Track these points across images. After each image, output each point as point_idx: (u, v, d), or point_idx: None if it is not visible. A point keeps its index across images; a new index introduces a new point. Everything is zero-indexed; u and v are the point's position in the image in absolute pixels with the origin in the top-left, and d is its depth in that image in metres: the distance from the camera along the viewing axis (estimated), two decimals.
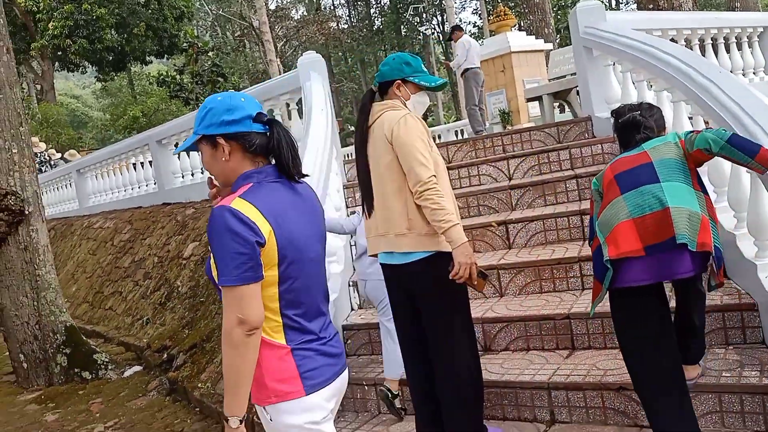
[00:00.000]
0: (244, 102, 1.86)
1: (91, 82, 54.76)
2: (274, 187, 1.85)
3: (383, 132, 2.77)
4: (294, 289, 1.84)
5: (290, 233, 1.82)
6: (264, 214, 1.76)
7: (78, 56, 23.71)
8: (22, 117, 5.78)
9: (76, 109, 48.57)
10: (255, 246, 1.73)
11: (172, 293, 6.34)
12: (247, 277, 1.72)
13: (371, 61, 38.96)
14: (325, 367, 1.87)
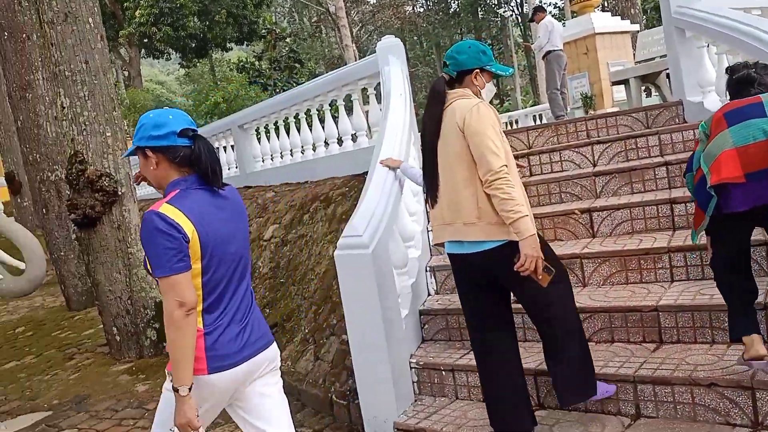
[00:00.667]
0: (171, 119, 2.22)
1: (175, 69, 56.81)
2: (197, 193, 2.21)
3: (455, 120, 2.76)
4: (214, 279, 2.19)
5: (212, 231, 2.17)
6: (188, 216, 2.11)
7: (163, 43, 24.64)
8: (115, 102, 6.06)
9: (161, 95, 50.48)
10: (182, 241, 2.09)
11: (254, 273, 6.53)
12: (179, 268, 2.08)
13: (446, 45, 38.54)
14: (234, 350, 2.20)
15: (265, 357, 2.32)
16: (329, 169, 6.52)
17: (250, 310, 2.33)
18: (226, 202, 2.30)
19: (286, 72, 21.21)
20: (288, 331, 5.25)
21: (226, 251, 2.22)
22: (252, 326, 2.30)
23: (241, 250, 2.30)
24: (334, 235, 5.47)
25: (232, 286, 2.26)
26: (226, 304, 2.23)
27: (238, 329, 2.24)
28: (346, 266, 3.70)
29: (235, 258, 2.26)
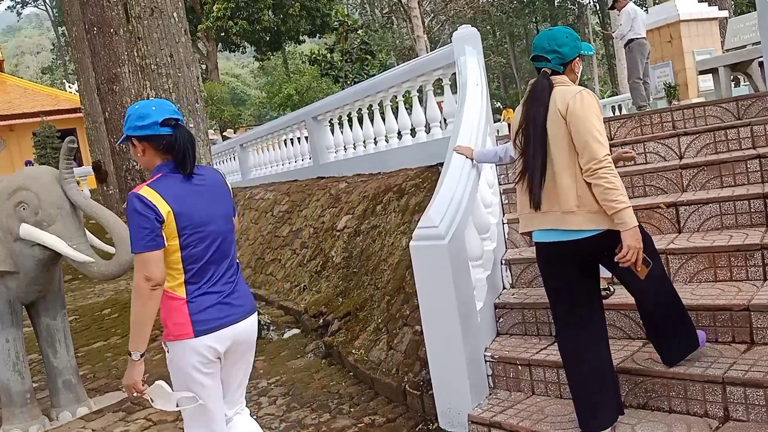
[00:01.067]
0: (154, 110, 2.49)
1: (249, 62, 58.22)
2: (177, 177, 2.49)
3: (556, 107, 2.70)
4: (194, 254, 2.47)
5: (187, 212, 2.44)
6: (164, 198, 2.39)
7: (239, 37, 25.27)
8: (197, 94, 6.24)
9: (236, 88, 51.82)
10: (155, 222, 2.36)
11: (327, 263, 6.63)
12: (150, 246, 2.35)
13: (520, 34, 37.83)
14: (218, 314, 2.49)
15: (247, 325, 2.63)
16: (402, 160, 6.52)
17: (234, 282, 2.62)
18: (204, 186, 2.57)
19: (358, 64, 21.33)
20: (361, 320, 5.31)
21: (204, 230, 2.50)
22: (235, 296, 2.59)
23: (220, 229, 2.57)
24: (407, 226, 5.48)
25: (214, 261, 2.53)
26: (208, 277, 2.52)
27: (220, 298, 2.53)
28: (421, 257, 3.69)
29: (214, 236, 2.54)
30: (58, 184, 4.48)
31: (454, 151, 4.13)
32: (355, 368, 4.83)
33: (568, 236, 2.75)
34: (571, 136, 2.68)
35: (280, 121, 10.43)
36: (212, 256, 2.53)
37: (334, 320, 5.60)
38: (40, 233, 4.43)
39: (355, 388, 4.63)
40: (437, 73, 6.03)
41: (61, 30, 50.50)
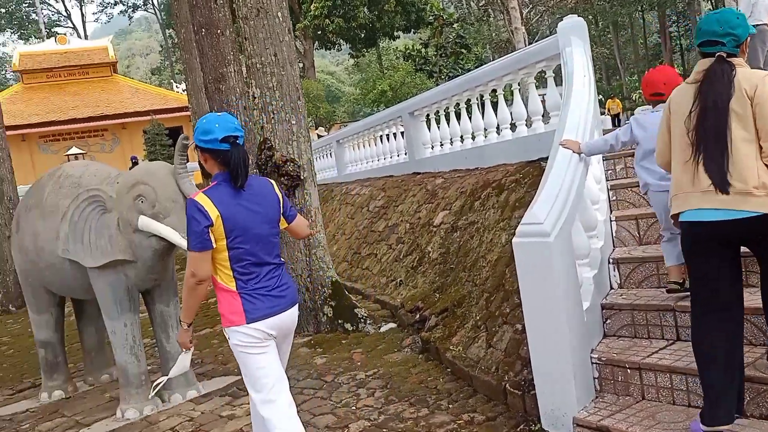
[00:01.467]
0: (218, 127, 2.84)
1: (344, 59, 59.17)
2: (229, 186, 2.86)
3: (742, 89, 2.68)
4: (241, 254, 2.86)
5: (234, 217, 2.82)
6: (215, 204, 2.78)
7: (335, 35, 25.72)
8: (299, 91, 6.41)
9: (331, 85, 52.83)
10: (206, 227, 2.75)
11: (423, 258, 6.63)
12: (198, 247, 2.78)
13: (624, 24, 36.17)
14: (264, 306, 2.88)
15: (290, 315, 3.03)
16: (501, 155, 6.42)
17: (278, 276, 3.00)
18: (251, 194, 2.93)
19: (452, 58, 21.18)
20: (458, 316, 5.27)
21: (249, 232, 2.87)
22: (280, 290, 2.97)
23: (263, 232, 2.94)
24: (507, 223, 5.39)
25: (258, 259, 2.92)
26: (254, 273, 2.91)
27: (267, 292, 2.92)
28: (524, 255, 3.61)
29: (257, 238, 2.91)
30: (173, 179, 4.72)
31: (560, 146, 4.02)
32: (453, 365, 4.80)
33: (737, 215, 2.68)
34: (754, 118, 2.66)
35: (377, 117, 10.52)
36: (256, 255, 2.92)
37: (431, 316, 5.59)
38: (156, 225, 4.67)
39: (453, 385, 4.60)
40: (540, 66, 5.89)
41: (169, 32, 53.24)
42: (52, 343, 5.85)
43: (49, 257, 5.20)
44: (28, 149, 26.13)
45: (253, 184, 2.97)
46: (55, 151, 26.71)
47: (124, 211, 4.79)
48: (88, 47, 33.12)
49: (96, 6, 59.23)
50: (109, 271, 4.93)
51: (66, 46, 32.18)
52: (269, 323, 2.90)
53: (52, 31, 47.78)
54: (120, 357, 5.05)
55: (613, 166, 5.01)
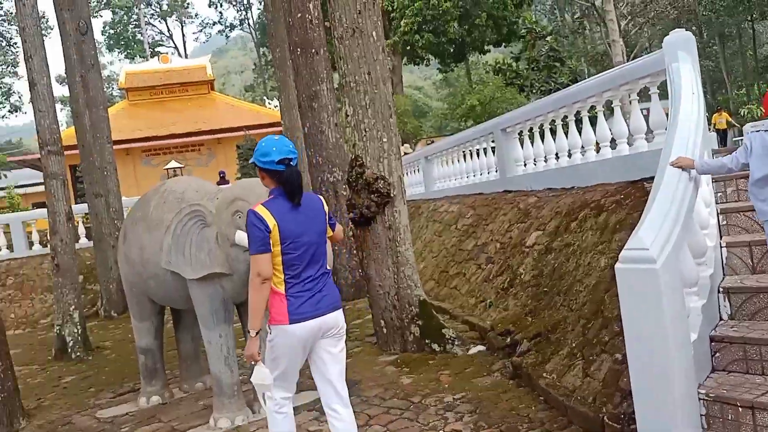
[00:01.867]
0: (274, 150, 3.30)
1: (432, 74, 59.31)
2: (283, 200, 3.31)
3: None
4: (291, 259, 3.27)
5: (288, 226, 3.25)
6: (272, 214, 3.23)
7: (424, 50, 25.81)
8: (391, 109, 6.42)
9: (418, 100, 53.05)
10: (265, 232, 3.19)
11: (515, 280, 6.46)
12: (261, 250, 3.20)
13: (732, 34, 34.22)
14: (309, 308, 3.28)
15: (331, 318, 3.39)
16: (600, 174, 6.18)
17: (324, 283, 3.39)
18: (303, 208, 3.36)
19: (545, 71, 20.71)
20: (553, 342, 5.08)
21: (300, 241, 3.29)
22: (323, 295, 3.36)
23: (313, 241, 3.35)
24: (606, 246, 5.16)
25: (307, 265, 3.32)
26: (303, 278, 3.31)
27: (311, 295, 3.32)
28: (628, 281, 3.43)
29: (307, 246, 3.33)
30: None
31: (670, 165, 3.81)
32: (546, 393, 4.62)
33: None
34: None
35: (468, 133, 10.42)
36: (305, 262, 3.33)
37: (523, 340, 5.42)
38: None
39: (546, 414, 4.43)
40: (644, 82, 5.64)
41: (263, 51, 55.29)
42: (152, 350, 6.10)
43: (153, 268, 5.43)
44: (132, 163, 27.63)
45: (305, 200, 3.42)
46: (156, 165, 28.11)
47: (222, 225, 4.93)
48: (188, 66, 34.80)
49: (196, 26, 62.34)
50: (208, 283, 5.09)
51: (168, 65, 33.95)
52: (310, 325, 3.31)
53: (155, 50, 50.67)
54: (214, 367, 5.19)
55: (724, 189, 4.71)
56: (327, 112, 9.54)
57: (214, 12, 77.31)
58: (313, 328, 3.32)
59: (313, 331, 3.32)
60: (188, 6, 59.76)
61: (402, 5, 24.15)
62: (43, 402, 6.93)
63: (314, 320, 3.31)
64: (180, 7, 58.29)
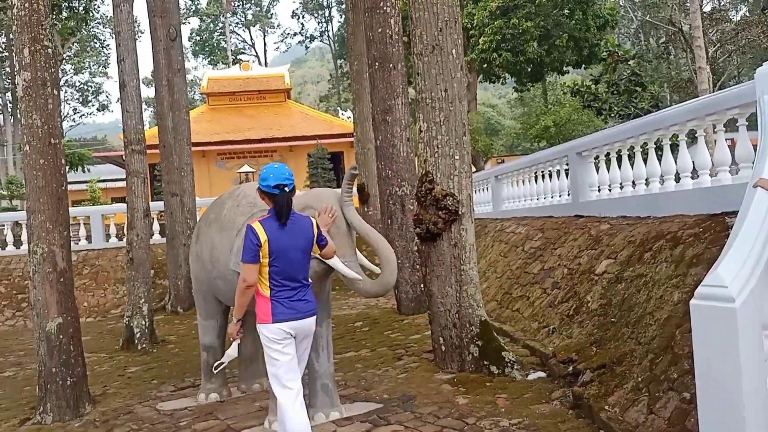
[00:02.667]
0: (272, 176, 4.04)
1: (507, 92, 58.85)
2: (274, 219, 4.01)
3: None
4: (277, 270, 3.98)
5: (277, 242, 3.94)
6: (265, 230, 3.94)
7: (501, 68, 25.62)
8: (465, 127, 6.39)
9: (491, 118, 52.64)
10: (257, 246, 3.89)
11: (581, 307, 6.29)
12: (251, 260, 3.92)
13: None
14: (287, 311, 4.01)
15: (307, 322, 4.15)
16: (678, 205, 5.96)
17: (304, 292, 4.13)
18: (289, 227, 4.04)
19: (625, 96, 20.14)
20: (617, 375, 4.91)
21: (286, 255, 4.00)
22: (302, 302, 4.10)
23: (295, 257, 4.04)
24: (681, 280, 4.96)
25: (288, 276, 4.03)
26: (284, 286, 4.03)
27: (291, 301, 4.05)
28: (703, 319, 3.30)
29: (291, 261, 4.03)
30: (339, 206, 4.88)
31: (752, 186, 3.64)
32: (607, 426, 4.46)
33: None
34: None
35: (541, 154, 10.27)
36: (287, 273, 4.03)
37: (586, 370, 5.26)
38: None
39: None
40: (732, 113, 5.41)
41: (340, 63, 56.28)
42: (214, 348, 6.25)
43: (221, 268, 5.59)
44: (206, 165, 28.57)
45: (294, 219, 4.10)
46: (229, 168, 28.96)
47: None
48: (267, 74, 35.80)
49: (277, 36, 64.21)
50: None
51: (248, 72, 35.03)
52: (289, 325, 4.04)
53: (237, 58, 52.37)
54: None
55: None
56: (400, 127, 9.60)
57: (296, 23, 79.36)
58: (293, 328, 4.08)
59: (293, 329, 4.08)
60: (272, 16, 61.63)
61: (481, 23, 24.08)
62: (108, 389, 7.21)
63: (292, 322, 4.06)
64: (264, 17, 60.16)
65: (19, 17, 6.33)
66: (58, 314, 6.31)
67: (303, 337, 4.20)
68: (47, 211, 6.33)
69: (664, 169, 6.56)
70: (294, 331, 4.07)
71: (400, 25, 9.76)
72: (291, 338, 4.08)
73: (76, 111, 50.55)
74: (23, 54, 6.33)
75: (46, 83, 6.39)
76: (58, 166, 6.47)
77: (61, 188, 6.48)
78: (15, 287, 14.90)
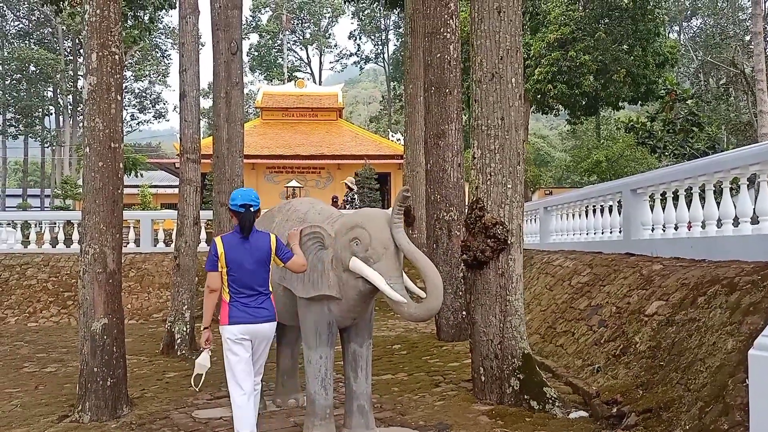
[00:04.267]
0: (240, 197, 4.73)
1: (559, 124, 58.28)
2: (236, 235, 4.73)
3: None
4: (234, 278, 4.65)
5: (233, 254, 4.66)
6: (223, 243, 4.69)
7: (555, 100, 25.38)
8: (520, 156, 6.34)
9: (541, 149, 52.12)
10: (215, 257, 4.65)
11: (629, 348, 6.11)
12: (210, 269, 4.68)
13: None
14: (242, 315, 4.63)
15: (265, 327, 4.75)
16: (736, 250, 5.77)
17: (259, 299, 4.72)
18: (249, 242, 4.74)
19: (681, 135, 19.65)
20: (664, 421, 4.74)
21: (241, 266, 4.67)
22: (256, 308, 4.69)
23: (251, 267, 4.69)
24: (736, 327, 4.78)
25: (244, 284, 4.68)
26: (241, 293, 4.68)
27: (246, 307, 4.67)
28: (762, 371, 3.16)
29: (247, 271, 4.68)
30: (388, 227, 4.88)
31: None
32: None
33: None
34: None
35: (594, 189, 10.11)
36: (243, 282, 4.69)
37: (631, 413, 5.09)
38: (365, 268, 4.85)
39: None
40: None
41: (393, 85, 56.76)
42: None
43: None
44: (255, 177, 29.05)
45: (257, 236, 4.79)
46: (277, 182, 29.39)
47: (339, 250, 5.04)
48: (320, 92, 36.37)
49: (333, 56, 65.29)
50: (316, 304, 5.20)
51: (303, 89, 35.65)
52: (243, 328, 4.64)
53: (292, 75, 53.38)
54: (311, 387, 5.25)
55: None
56: (452, 152, 9.59)
57: (352, 44, 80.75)
58: (248, 331, 4.65)
59: (248, 332, 4.65)
60: (329, 36, 62.74)
61: (538, 54, 23.98)
62: (146, 393, 7.30)
63: (248, 325, 4.64)
64: (322, 37, 61.29)
65: (90, 23, 6.55)
66: (104, 315, 6.43)
67: (260, 341, 4.78)
68: (102, 212, 6.47)
69: (722, 212, 6.37)
70: (249, 334, 4.66)
71: (459, 51, 9.79)
72: (246, 340, 4.68)
73: (134, 117, 52.20)
74: (91, 59, 6.54)
75: (110, 88, 6.58)
76: (115, 170, 6.62)
77: (117, 191, 6.63)
78: (62, 285, 15.31)
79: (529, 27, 25.31)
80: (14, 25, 47.98)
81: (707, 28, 42.87)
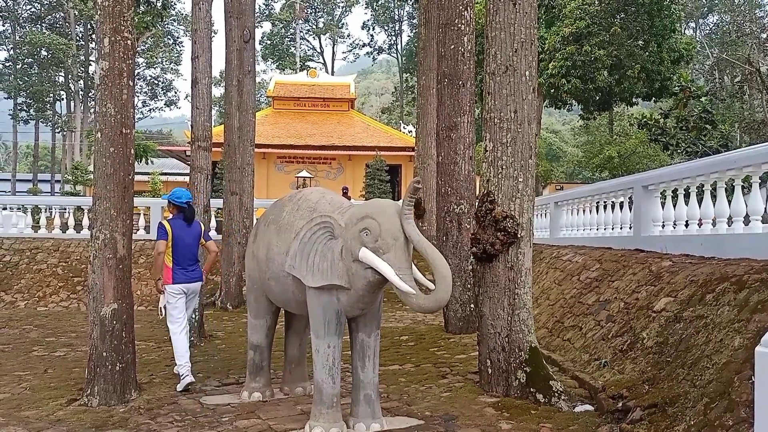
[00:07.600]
0: (183, 196, 7.20)
1: (571, 119, 58.03)
2: (181, 220, 7.14)
3: None
4: (176, 249, 7.00)
5: (176, 232, 7.01)
6: (170, 225, 7.03)
7: (568, 95, 25.27)
8: (532, 150, 6.33)
9: (553, 144, 51.93)
10: (164, 233, 6.97)
11: (636, 343, 6.12)
12: (160, 237, 6.97)
13: None
14: (182, 277, 7.05)
15: (195, 285, 7.24)
16: (746, 248, 5.76)
17: (194, 267, 7.16)
18: (190, 227, 7.15)
19: (694, 132, 19.53)
20: (669, 416, 4.75)
21: (183, 241, 7.01)
22: (192, 273, 7.14)
23: (188, 243, 7.06)
24: (743, 325, 4.78)
25: (183, 254, 7.02)
26: (181, 261, 7.01)
27: (185, 270, 7.06)
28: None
29: (186, 245, 7.04)
30: (398, 218, 4.90)
31: None
32: None
33: None
34: None
35: (606, 184, 10.09)
36: (182, 253, 7.00)
37: (637, 408, 5.11)
38: (375, 258, 4.88)
39: None
40: None
41: (405, 76, 56.63)
42: (261, 348, 6.34)
43: (276, 269, 5.68)
44: (266, 166, 29.14)
45: (194, 223, 7.19)
46: (288, 172, 29.47)
47: (349, 240, 5.07)
48: (333, 83, 36.37)
49: (346, 46, 65.13)
50: (324, 293, 5.24)
51: (315, 79, 35.67)
52: (183, 286, 7.04)
53: (305, 64, 53.35)
54: (318, 375, 5.30)
55: None
56: (464, 144, 9.57)
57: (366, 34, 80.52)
58: (186, 287, 7.08)
59: (186, 288, 7.08)
60: (343, 26, 62.61)
61: (553, 48, 23.86)
62: (154, 378, 7.38)
63: (185, 284, 7.06)
64: (335, 26, 61.16)
65: (103, 7, 6.54)
66: (114, 300, 6.48)
67: (191, 295, 7.26)
68: (113, 198, 6.50)
69: (733, 210, 6.35)
70: (186, 289, 7.10)
71: (473, 42, 9.76)
72: (183, 294, 7.08)
73: (145, 104, 52.39)
74: (103, 43, 6.53)
75: (122, 73, 6.58)
76: (127, 155, 6.65)
77: (128, 177, 6.66)
78: (72, 270, 15.46)
79: (544, 20, 25.16)
80: (26, 9, 48.20)
81: (723, 25, 42.51)
